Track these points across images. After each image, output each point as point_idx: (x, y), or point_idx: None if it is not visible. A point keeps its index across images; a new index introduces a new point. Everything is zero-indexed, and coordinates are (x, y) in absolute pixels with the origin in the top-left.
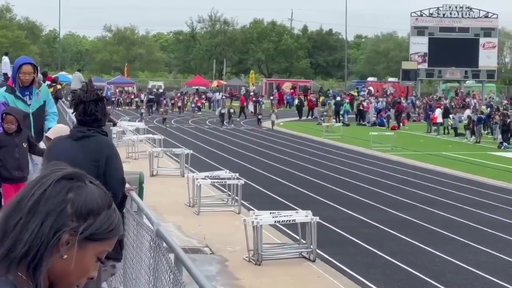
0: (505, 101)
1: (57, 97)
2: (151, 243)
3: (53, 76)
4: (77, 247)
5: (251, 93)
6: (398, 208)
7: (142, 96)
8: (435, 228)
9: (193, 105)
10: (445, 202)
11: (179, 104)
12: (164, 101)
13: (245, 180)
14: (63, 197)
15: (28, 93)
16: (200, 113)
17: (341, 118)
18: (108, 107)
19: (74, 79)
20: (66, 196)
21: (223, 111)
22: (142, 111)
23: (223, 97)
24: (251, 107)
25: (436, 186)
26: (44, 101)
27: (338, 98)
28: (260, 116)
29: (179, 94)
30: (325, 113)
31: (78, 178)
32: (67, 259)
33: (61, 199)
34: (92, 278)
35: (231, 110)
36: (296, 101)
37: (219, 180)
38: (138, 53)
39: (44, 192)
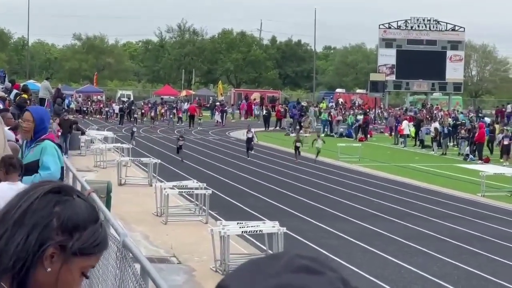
0: (473, 114)
1: (20, 106)
2: (118, 254)
3: (22, 84)
4: (62, 261)
5: (217, 103)
6: (365, 219)
7: (114, 106)
8: (401, 240)
9: (171, 116)
10: (411, 213)
11: (152, 114)
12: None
13: (213, 190)
14: (50, 210)
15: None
16: (182, 123)
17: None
18: (75, 116)
19: (42, 88)
20: (53, 210)
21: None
22: (134, 129)
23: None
24: (217, 117)
25: (402, 198)
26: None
27: (294, 110)
28: (298, 144)
29: (150, 105)
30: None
31: (66, 192)
32: (51, 272)
33: (47, 212)
34: None
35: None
36: (264, 112)
37: (186, 190)
38: (107, 62)
39: (31, 205)
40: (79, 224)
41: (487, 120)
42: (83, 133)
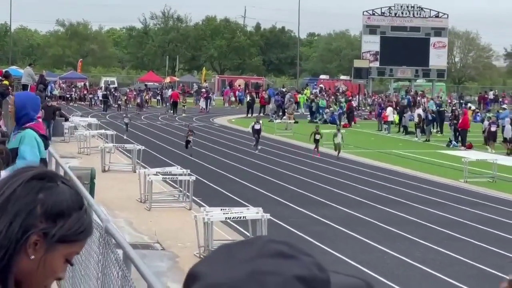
0: (456, 101)
1: (2, 94)
2: (100, 240)
3: (4, 71)
4: (45, 249)
5: (203, 90)
6: (348, 206)
7: (99, 93)
8: (385, 226)
9: (167, 103)
10: (394, 199)
11: (138, 100)
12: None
13: (197, 177)
14: (33, 197)
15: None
16: (184, 114)
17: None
18: (58, 102)
19: (25, 74)
20: (36, 196)
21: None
22: (126, 121)
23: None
24: (202, 103)
25: (386, 184)
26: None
27: (277, 97)
28: (318, 137)
29: (136, 92)
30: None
31: (50, 178)
32: (34, 260)
33: (31, 199)
34: (60, 279)
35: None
36: (248, 98)
37: (170, 176)
38: (91, 49)
39: (14, 192)
40: (63, 211)
41: (471, 106)
42: (66, 120)
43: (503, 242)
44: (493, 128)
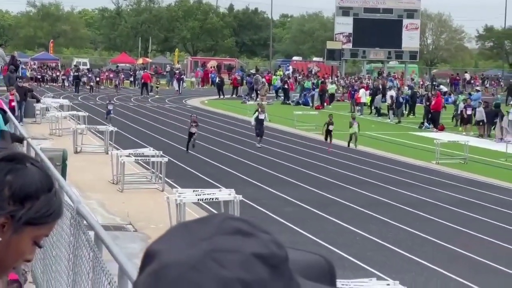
0: (428, 83)
1: None
2: (72, 221)
3: None
4: (13, 231)
5: (176, 71)
6: (321, 187)
7: (72, 73)
8: (357, 207)
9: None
10: (367, 181)
11: (116, 82)
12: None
13: (169, 158)
14: (1, 179)
15: None
16: (156, 95)
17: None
18: (30, 83)
19: None
20: (4, 178)
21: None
22: (110, 107)
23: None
24: (175, 85)
25: (358, 165)
26: None
27: (249, 78)
28: (332, 128)
29: (116, 73)
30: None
31: (19, 160)
32: (1, 242)
33: None
34: (28, 261)
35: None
36: (217, 80)
37: (143, 158)
38: (63, 30)
39: None
40: (31, 194)
41: (443, 88)
42: (38, 101)
43: (474, 223)
44: (468, 112)
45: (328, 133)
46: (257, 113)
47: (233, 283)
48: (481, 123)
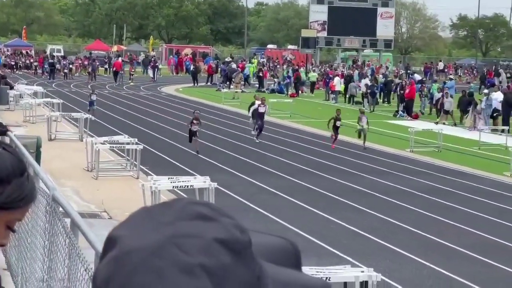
0: (402, 71)
1: None
2: (47, 208)
3: None
4: None
5: (151, 59)
6: (295, 175)
7: (47, 61)
8: (331, 195)
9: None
10: (341, 169)
11: (90, 70)
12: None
13: (144, 145)
14: None
15: None
16: (130, 81)
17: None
18: (3, 70)
19: None
20: None
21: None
22: (94, 98)
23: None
24: (150, 73)
25: (333, 153)
26: None
27: (223, 66)
28: (339, 124)
29: (92, 60)
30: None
31: None
32: None
33: None
34: (2, 245)
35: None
36: (192, 67)
37: (118, 145)
38: (36, 16)
39: None
40: (3, 178)
41: (417, 76)
42: (11, 88)
43: (447, 211)
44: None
45: (335, 129)
46: (255, 105)
47: (194, 268)
48: (449, 112)
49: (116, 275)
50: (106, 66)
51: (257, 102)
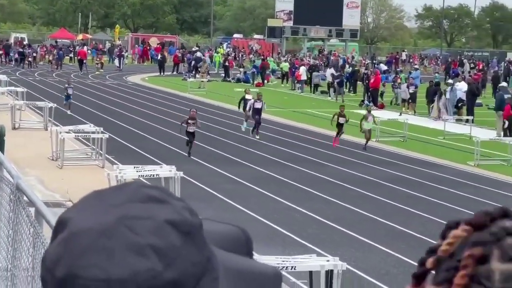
0: (368, 61)
1: None
2: (11, 197)
3: None
4: None
5: (117, 48)
6: (261, 164)
7: (15, 49)
8: (298, 185)
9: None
10: (307, 158)
11: (50, 58)
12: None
13: (110, 134)
14: None
15: None
16: (102, 70)
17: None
18: None
19: None
20: None
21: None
22: (70, 91)
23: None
24: (116, 62)
25: (298, 143)
26: None
27: (189, 55)
28: (343, 121)
29: (59, 48)
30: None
31: None
32: None
33: None
34: None
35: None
36: (159, 57)
37: (83, 134)
38: (0, 4)
39: None
40: None
41: (383, 66)
42: None
43: (412, 200)
44: (411, 90)
45: (339, 127)
46: (251, 101)
47: (145, 249)
48: (408, 101)
49: (66, 256)
50: (71, 55)
51: (247, 96)
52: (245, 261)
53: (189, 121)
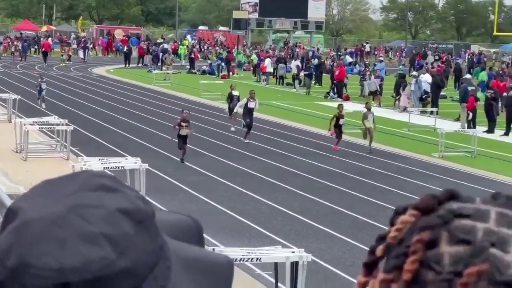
0: (334, 53)
1: None
2: None
3: None
4: None
5: (81, 39)
6: (225, 156)
7: None
8: (262, 176)
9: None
10: (273, 150)
11: (12, 49)
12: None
13: (74, 126)
14: None
15: None
16: (70, 62)
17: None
18: None
19: None
20: None
21: None
22: (43, 86)
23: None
24: (81, 54)
25: (263, 135)
26: None
27: (154, 47)
28: (342, 122)
29: (24, 40)
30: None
31: None
32: None
33: None
34: None
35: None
36: (125, 48)
37: (47, 126)
38: None
39: None
40: None
41: (348, 58)
42: None
43: (376, 192)
44: (378, 82)
45: (338, 128)
46: (245, 100)
47: (96, 237)
48: (376, 93)
49: (17, 245)
50: (36, 46)
51: (234, 92)
52: (197, 250)
53: (182, 123)
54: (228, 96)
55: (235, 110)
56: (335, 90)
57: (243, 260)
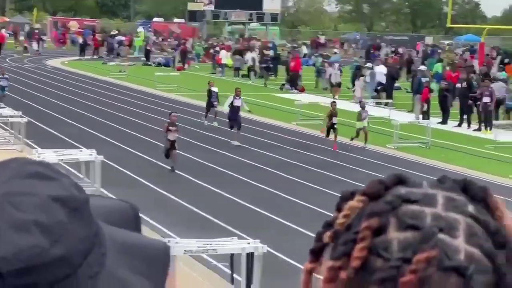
0: (289, 45)
1: None
2: None
3: None
4: None
5: (35, 31)
6: (184, 149)
7: None
8: (220, 169)
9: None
10: (228, 142)
11: None
12: None
13: (29, 119)
14: None
15: None
16: (27, 54)
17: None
18: None
19: None
20: None
21: None
22: (4, 83)
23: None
24: (35, 45)
25: (221, 127)
26: None
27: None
28: (335, 120)
29: None
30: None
31: None
32: None
33: None
34: None
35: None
36: (80, 40)
37: (1, 118)
38: None
39: None
40: None
41: (304, 50)
42: None
43: (333, 183)
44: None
45: (332, 128)
46: (230, 98)
47: (29, 225)
48: (336, 84)
49: None
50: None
51: (213, 88)
52: (133, 235)
53: (170, 127)
54: (207, 92)
55: (223, 110)
56: (290, 81)
57: (199, 252)
